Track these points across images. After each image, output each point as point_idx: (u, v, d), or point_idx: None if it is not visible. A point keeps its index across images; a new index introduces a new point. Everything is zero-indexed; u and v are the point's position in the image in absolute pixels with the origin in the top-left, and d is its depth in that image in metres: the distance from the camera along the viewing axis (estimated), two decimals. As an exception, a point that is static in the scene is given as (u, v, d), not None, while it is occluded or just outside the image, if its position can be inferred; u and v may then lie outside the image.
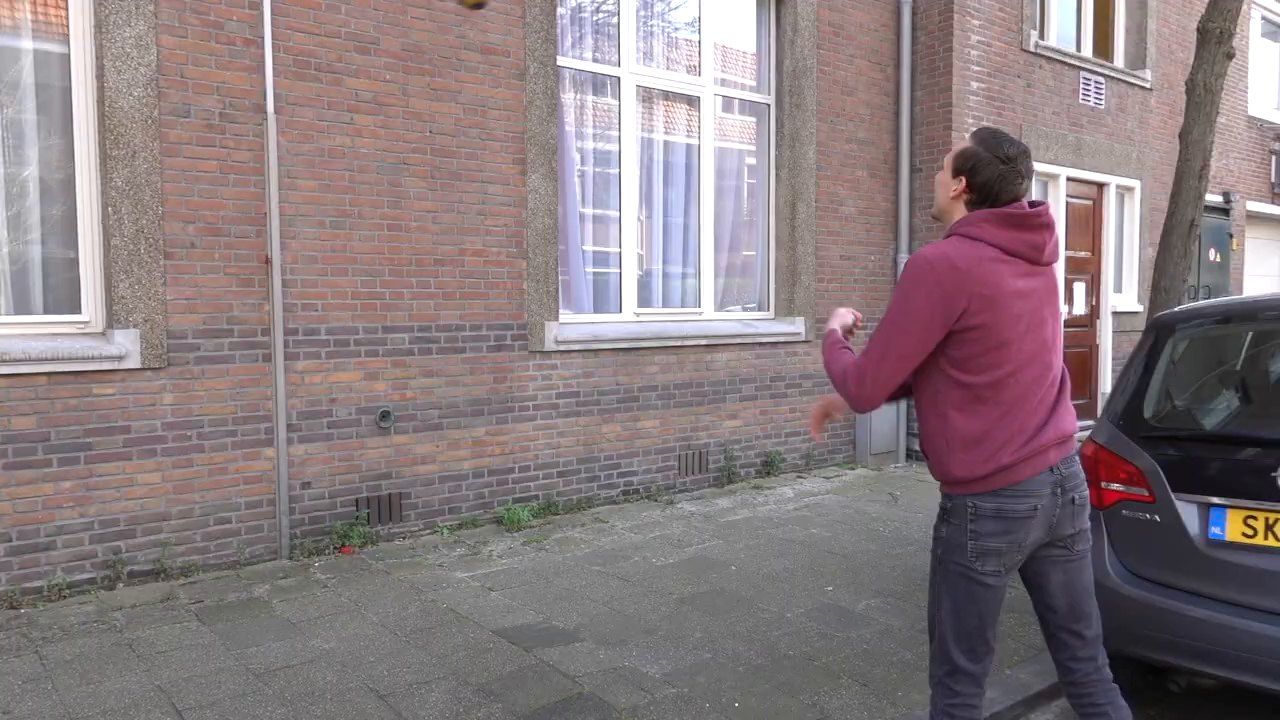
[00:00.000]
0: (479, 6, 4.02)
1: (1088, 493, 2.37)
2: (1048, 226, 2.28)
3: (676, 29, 6.95)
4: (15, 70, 4.43)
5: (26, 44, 4.45)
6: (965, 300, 2.18)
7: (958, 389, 2.25)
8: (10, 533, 4.26)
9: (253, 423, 4.90)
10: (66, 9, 4.49)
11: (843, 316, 2.57)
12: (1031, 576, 2.38)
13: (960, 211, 2.35)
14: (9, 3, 4.40)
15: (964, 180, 2.32)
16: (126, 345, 4.49)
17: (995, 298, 2.19)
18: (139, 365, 4.54)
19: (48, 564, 4.36)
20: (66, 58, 4.51)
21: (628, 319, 6.62)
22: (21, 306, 4.47)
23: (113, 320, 4.51)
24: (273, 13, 4.86)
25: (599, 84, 6.50)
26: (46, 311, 4.53)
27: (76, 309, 4.57)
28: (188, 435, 4.71)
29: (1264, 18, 12.61)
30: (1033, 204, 2.31)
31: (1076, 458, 2.35)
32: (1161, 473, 3.25)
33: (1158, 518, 3.24)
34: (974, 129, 7.88)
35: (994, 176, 2.28)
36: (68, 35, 4.50)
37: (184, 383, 4.68)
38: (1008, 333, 2.21)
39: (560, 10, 6.21)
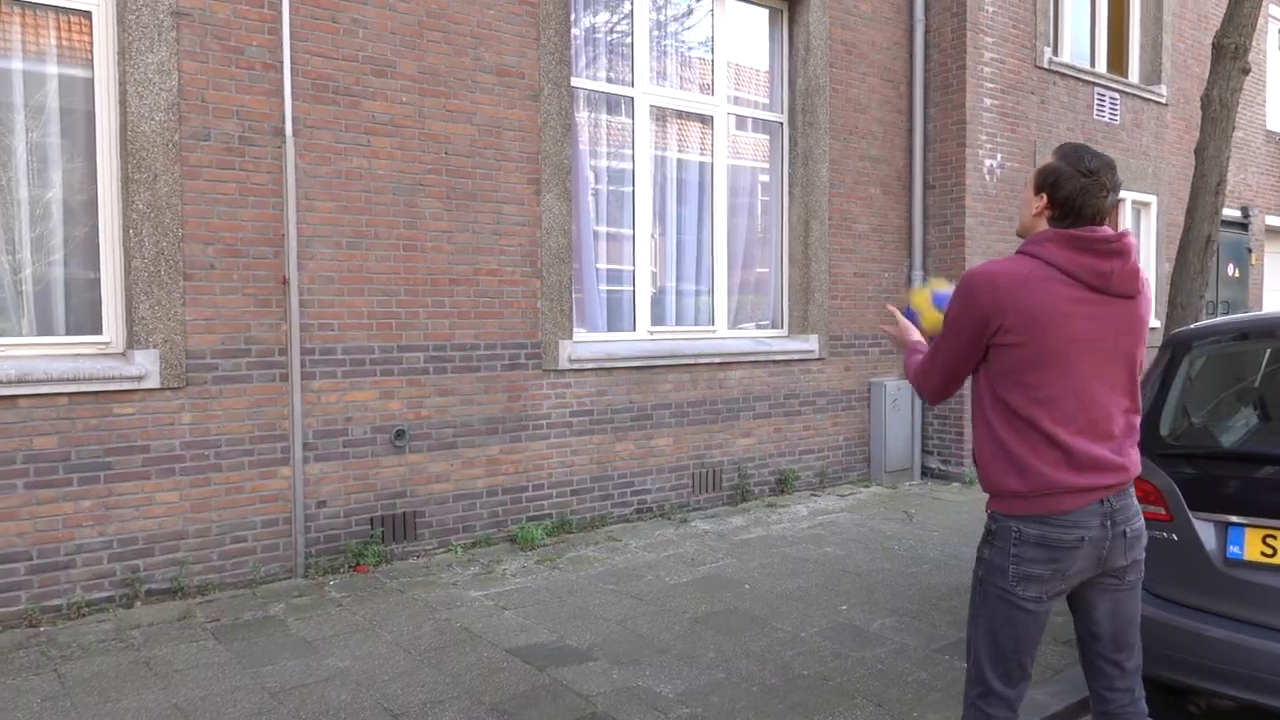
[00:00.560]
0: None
1: (1143, 524, 2.31)
2: (1118, 254, 2.20)
3: (690, 48, 7.00)
4: (40, 95, 4.52)
5: (52, 69, 4.54)
6: (1001, 318, 2.17)
7: (1000, 403, 2.24)
8: (31, 551, 4.31)
9: (269, 442, 4.94)
10: (90, 35, 4.58)
11: (911, 330, 2.74)
12: (1078, 601, 2.34)
13: (1042, 228, 2.30)
14: (35, 29, 4.49)
15: (1045, 196, 2.27)
16: (146, 365, 4.55)
17: (1038, 317, 2.15)
18: (158, 385, 4.59)
19: (67, 582, 4.40)
20: (90, 82, 4.59)
21: (641, 337, 6.64)
22: (44, 327, 4.54)
23: (133, 341, 4.57)
24: (292, 37, 4.94)
25: (613, 104, 6.55)
26: (68, 332, 4.60)
27: (98, 330, 4.64)
28: (205, 454, 4.75)
29: (1280, 32, 12.56)
30: (1119, 232, 2.26)
31: (1131, 490, 2.30)
32: (1179, 491, 3.23)
33: (1175, 536, 3.22)
34: (994, 153, 7.82)
35: (1075, 190, 2.22)
36: (91, 60, 4.59)
37: (202, 402, 4.73)
38: (1052, 355, 2.17)
39: (574, 31, 6.28)
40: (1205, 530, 3.16)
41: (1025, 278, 2.18)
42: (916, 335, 2.69)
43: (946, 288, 2.70)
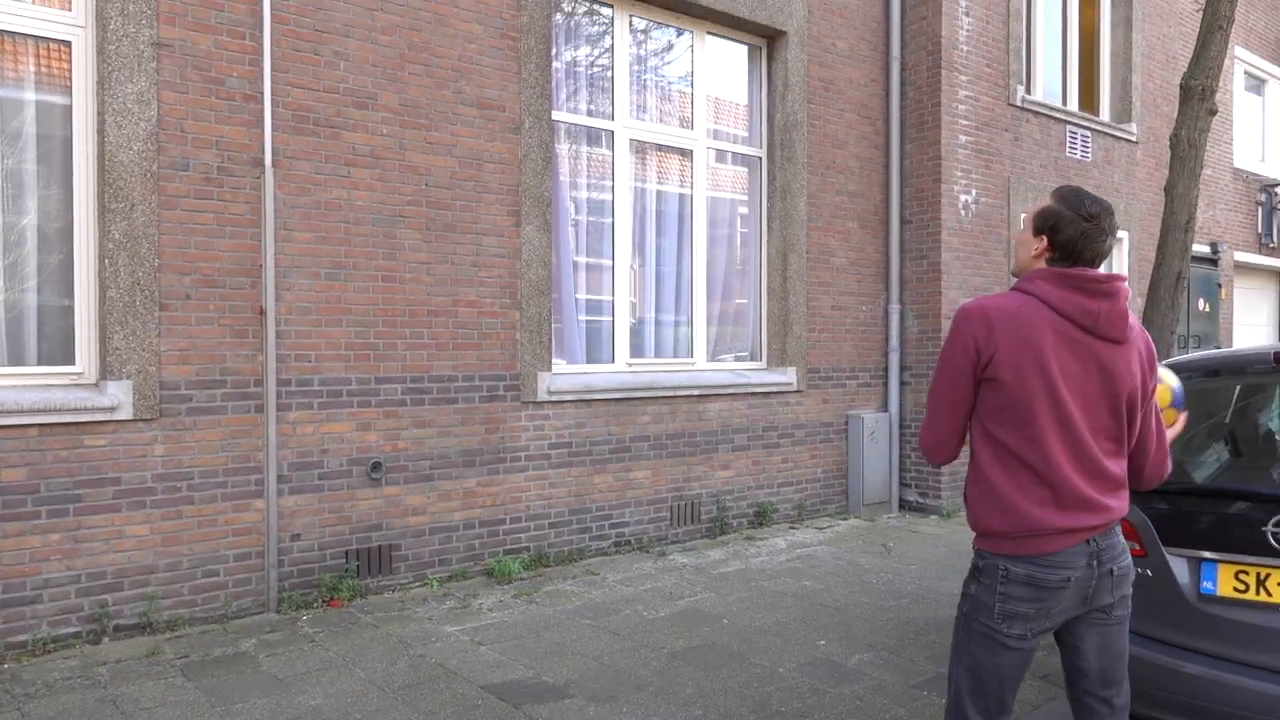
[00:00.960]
0: None
1: (1129, 562, 2.32)
2: (1107, 295, 2.22)
3: (670, 83, 7.08)
4: (17, 121, 4.50)
5: (29, 95, 4.52)
6: (991, 350, 2.20)
7: (988, 441, 2.26)
8: (-5, 586, 4.22)
9: (243, 474, 4.88)
10: (70, 64, 4.57)
11: None
12: (1066, 636, 2.34)
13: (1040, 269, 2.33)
14: (14, 56, 4.48)
15: (1045, 239, 2.31)
16: (119, 396, 4.49)
17: (1027, 353, 2.18)
18: (131, 416, 4.53)
19: (33, 618, 4.31)
20: (68, 109, 4.58)
21: (620, 369, 6.65)
22: (15, 356, 4.48)
23: (106, 371, 4.51)
24: (273, 69, 4.95)
25: (593, 136, 6.60)
26: (40, 362, 4.54)
27: (70, 360, 4.58)
28: (177, 487, 4.69)
29: (1246, 72, 12.88)
30: (1110, 276, 2.29)
31: (1118, 529, 2.31)
32: (1152, 526, 3.25)
33: (1149, 572, 3.24)
34: (969, 188, 7.95)
35: (1076, 234, 2.26)
36: (70, 88, 4.58)
37: (175, 434, 4.68)
38: (1040, 391, 2.18)
39: (555, 65, 6.33)
40: (1179, 566, 3.18)
41: (1016, 311, 2.21)
42: None
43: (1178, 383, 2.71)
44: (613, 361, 6.66)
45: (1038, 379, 2.18)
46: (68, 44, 4.56)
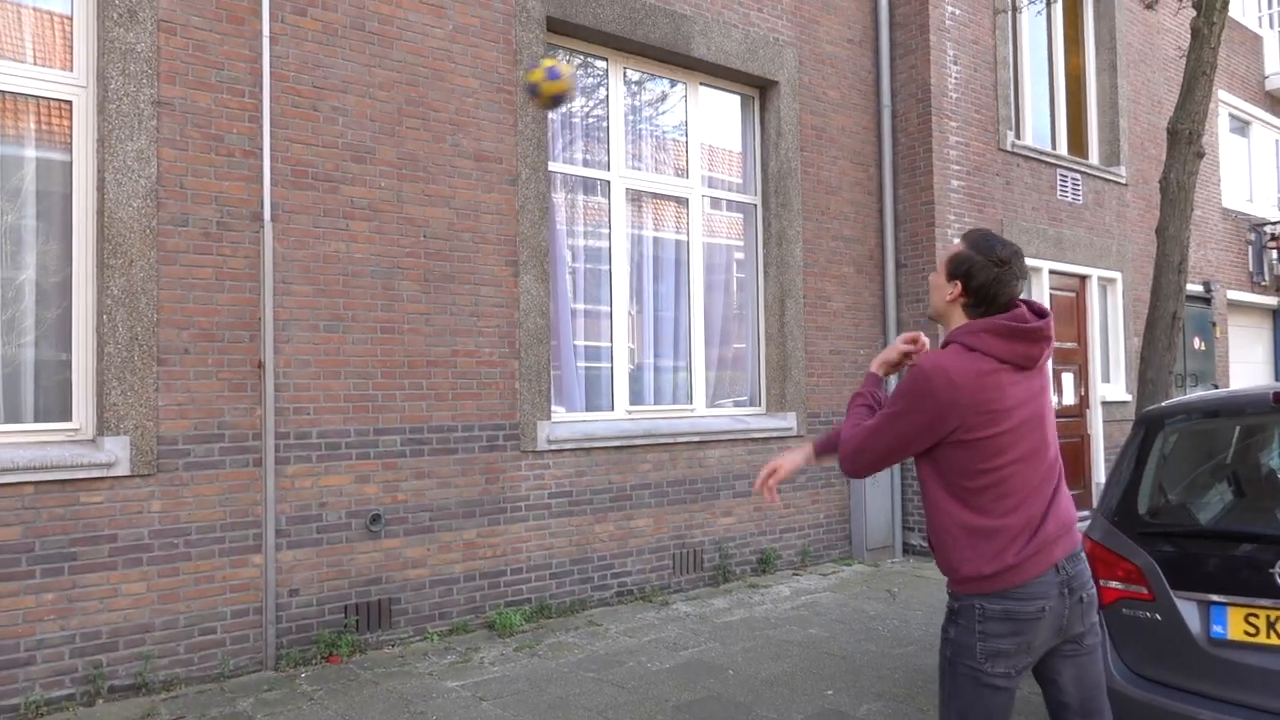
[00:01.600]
0: (556, 103, 4.15)
1: (1094, 589, 2.36)
2: (1047, 339, 2.31)
3: (664, 132, 7.17)
4: (18, 177, 4.53)
5: (30, 153, 4.56)
6: (959, 417, 2.21)
7: (959, 491, 2.27)
8: (-12, 647, 4.15)
9: (241, 529, 4.83)
10: (70, 122, 4.62)
11: (889, 352, 2.61)
12: (1044, 672, 2.36)
13: (958, 314, 2.38)
14: (15, 115, 4.53)
15: (959, 284, 2.35)
16: (116, 452, 4.47)
17: (994, 408, 2.22)
18: (128, 473, 4.50)
19: (26, 680, 4.23)
20: (69, 166, 4.62)
21: (620, 416, 6.63)
22: (11, 413, 4.46)
23: (103, 427, 4.49)
24: (272, 125, 5.01)
25: (589, 186, 6.67)
26: (37, 418, 4.52)
27: (67, 415, 4.56)
28: (174, 543, 4.64)
29: (1231, 115, 13.09)
30: (1036, 309, 2.33)
31: (1082, 554, 2.35)
32: (1159, 570, 3.22)
33: (1158, 616, 3.20)
34: (965, 230, 8.09)
35: (989, 280, 2.31)
36: (71, 146, 4.62)
37: (172, 489, 4.64)
38: (1006, 439, 2.23)
39: (551, 116, 6.41)
40: (1188, 610, 3.14)
41: (978, 374, 2.23)
42: (874, 365, 2.65)
43: (553, 62, 2.81)
44: (612, 409, 6.65)
45: (1003, 431, 2.23)
46: (69, 103, 4.62)
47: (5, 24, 4.51)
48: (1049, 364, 2.41)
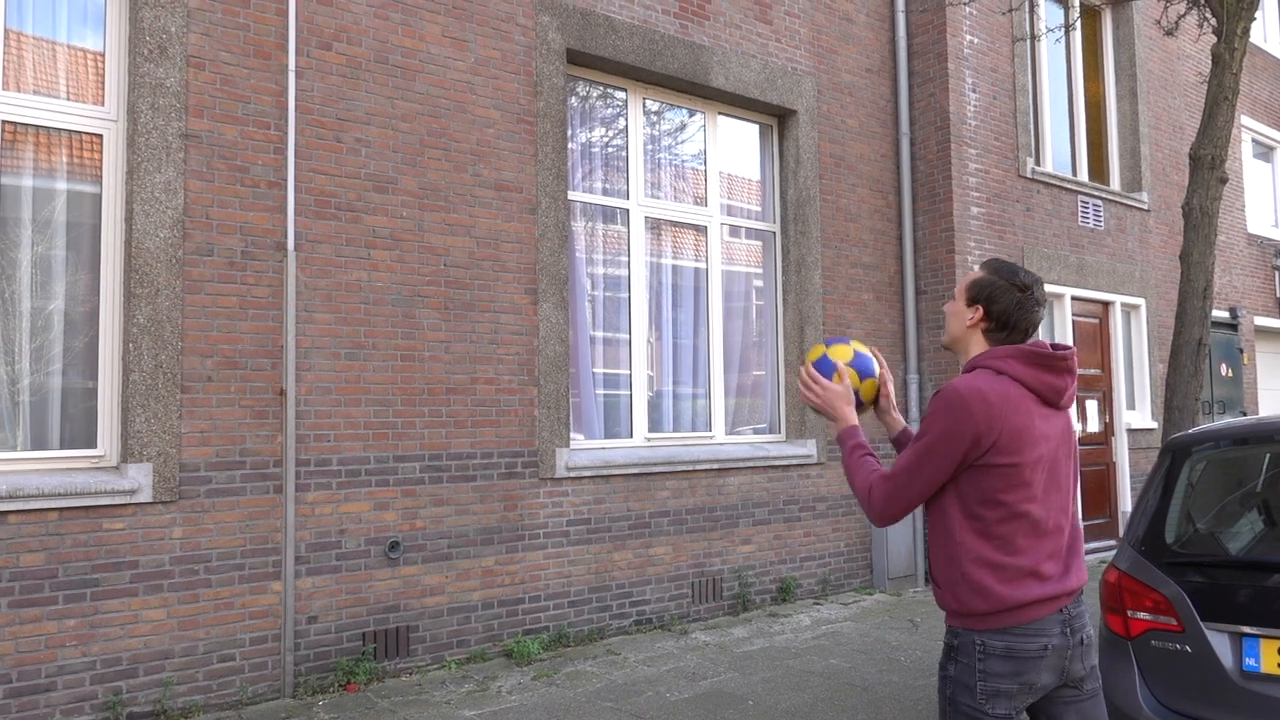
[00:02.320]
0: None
1: (1092, 631, 2.32)
2: (1070, 372, 2.28)
3: (683, 161, 7.21)
4: (48, 209, 4.62)
5: (61, 185, 4.66)
6: (995, 435, 2.17)
7: (975, 520, 2.22)
8: (11, 674, 4.18)
9: (261, 555, 4.85)
10: (100, 154, 4.72)
11: (839, 396, 2.47)
12: None
13: (977, 340, 2.35)
14: (48, 149, 4.63)
15: (981, 309, 2.33)
16: (139, 479, 4.51)
17: (1023, 435, 2.19)
18: (150, 499, 4.54)
19: (46, 706, 4.25)
20: (98, 198, 4.71)
21: (639, 444, 6.62)
22: (38, 439, 4.52)
23: (127, 454, 4.54)
24: (296, 156, 5.09)
25: (609, 215, 6.71)
26: (62, 445, 4.57)
27: (92, 442, 4.61)
28: (195, 570, 4.66)
29: (1254, 140, 13.00)
30: (1057, 346, 2.32)
31: (1082, 598, 2.32)
32: (1189, 601, 3.16)
33: (1188, 648, 3.14)
34: (984, 258, 8.03)
35: (1012, 304, 2.29)
36: (100, 178, 4.71)
37: (194, 515, 4.67)
38: (1029, 472, 2.20)
39: (571, 146, 6.48)
40: (1219, 641, 3.08)
41: (1009, 395, 2.20)
42: (851, 407, 2.49)
43: (864, 349, 2.59)
44: (631, 436, 6.64)
45: (1027, 460, 2.20)
46: (99, 136, 4.71)
47: (41, 61, 4.63)
48: (1073, 405, 2.38)
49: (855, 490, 2.37)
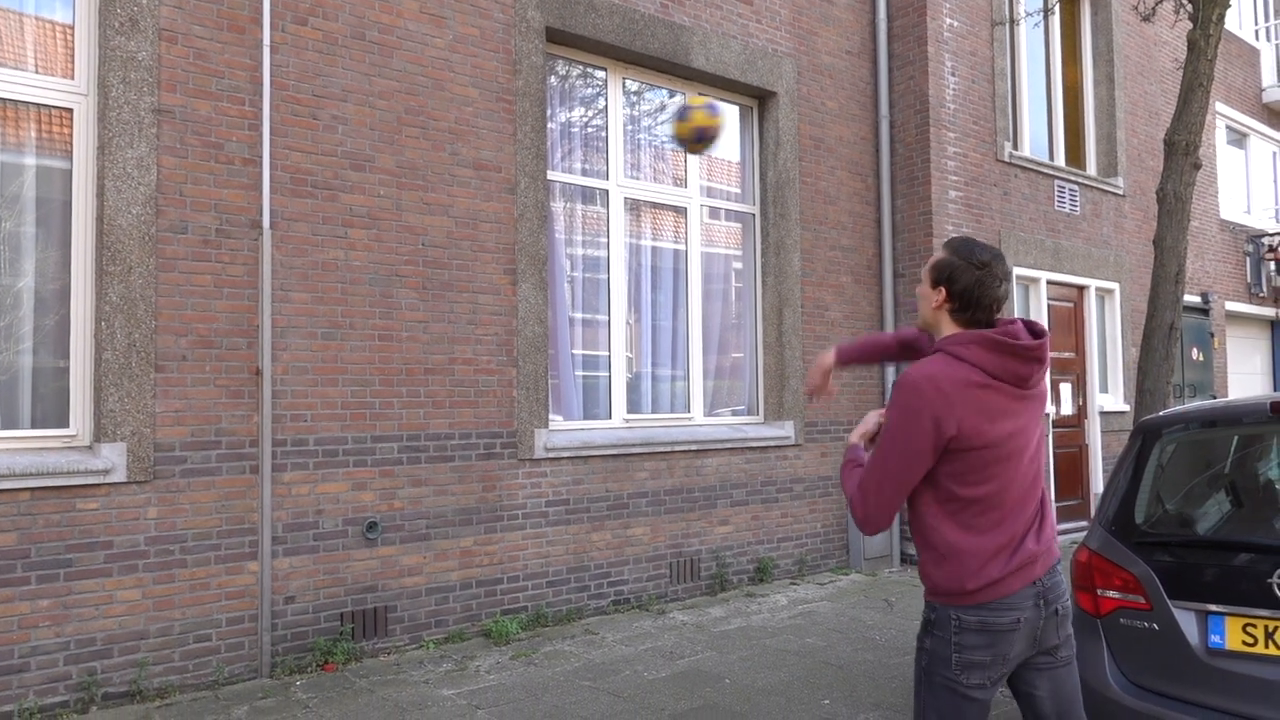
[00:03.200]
0: (700, 142, 4.03)
1: (1069, 602, 2.37)
2: (1039, 361, 2.28)
3: (663, 142, 7.19)
4: (17, 184, 4.54)
5: (30, 160, 4.57)
6: (954, 426, 2.20)
7: (947, 503, 2.27)
8: (-18, 654, 4.14)
9: (237, 536, 4.83)
10: (71, 129, 4.63)
11: (867, 423, 2.51)
12: (1019, 685, 2.37)
13: (945, 321, 2.37)
14: (15, 123, 4.54)
15: (943, 290, 2.35)
16: (113, 459, 4.46)
17: (981, 420, 2.22)
18: (124, 479, 4.50)
19: (20, 687, 4.22)
20: (69, 174, 4.63)
21: (617, 425, 6.63)
22: (9, 419, 4.46)
23: (100, 434, 4.49)
24: (272, 133, 5.02)
25: (588, 195, 6.68)
26: (34, 424, 4.51)
27: (64, 422, 4.56)
28: (170, 550, 4.63)
29: (1228, 127, 13.14)
30: (1035, 330, 2.33)
31: (1059, 567, 2.36)
32: (1157, 579, 3.22)
33: (1156, 626, 3.20)
34: (947, 238, 8.16)
35: (971, 282, 2.31)
36: (71, 154, 4.63)
37: (169, 496, 4.63)
38: (994, 452, 2.23)
39: (550, 126, 6.44)
40: (1186, 619, 3.14)
41: (967, 383, 2.22)
42: (854, 436, 2.51)
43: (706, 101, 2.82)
44: (610, 417, 6.65)
45: (995, 443, 2.23)
46: (70, 111, 4.63)
47: (8, 32, 4.53)
48: (1045, 385, 2.40)
49: (847, 500, 2.38)
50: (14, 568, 4.22)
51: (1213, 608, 3.08)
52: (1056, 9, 9.64)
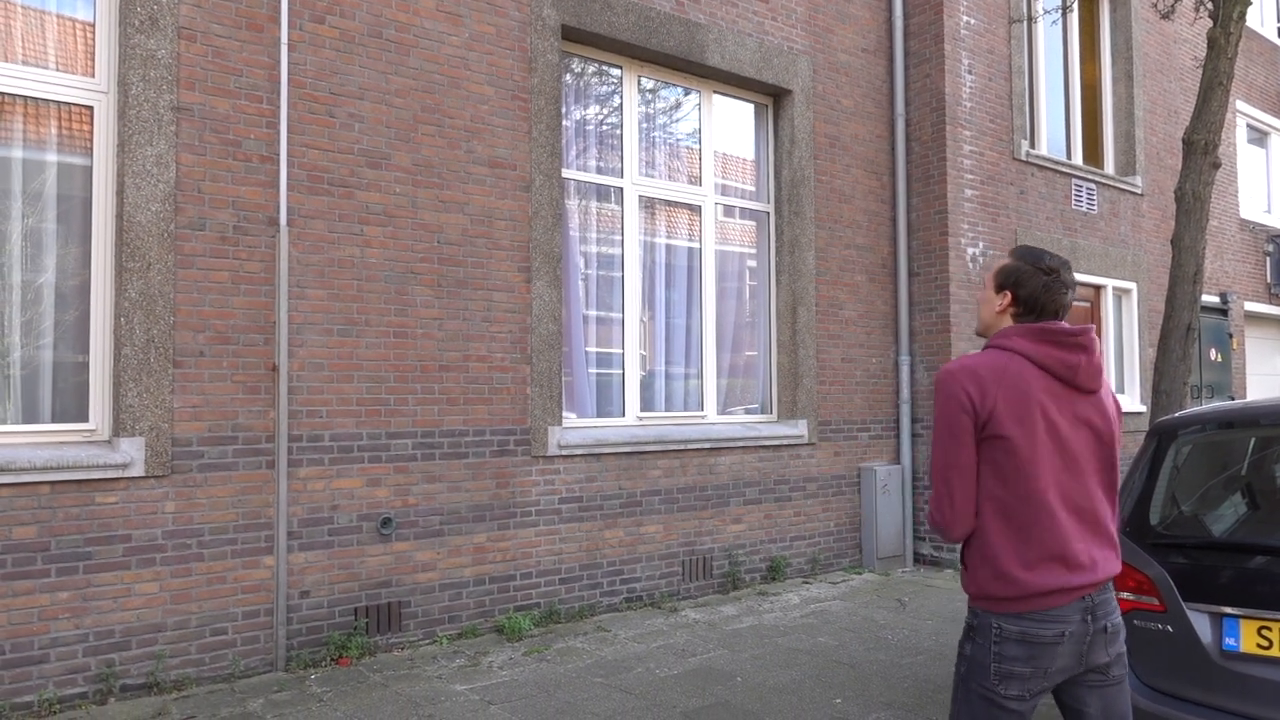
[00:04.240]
0: None
1: (1120, 618, 2.29)
2: (1083, 348, 2.25)
3: (678, 140, 7.19)
4: (39, 181, 4.59)
5: (51, 157, 4.63)
6: (989, 406, 2.18)
7: (992, 501, 2.22)
8: (4, 645, 4.19)
9: (253, 530, 4.87)
10: (91, 127, 4.68)
11: None
12: (1069, 702, 2.30)
13: (1007, 325, 2.36)
14: (36, 120, 4.59)
15: (1009, 294, 2.34)
16: (131, 453, 4.51)
17: (1022, 407, 2.18)
18: (142, 474, 4.54)
19: (39, 678, 4.27)
20: (89, 171, 4.68)
21: (631, 423, 6.64)
22: (30, 414, 4.51)
23: (119, 428, 4.54)
24: (289, 131, 5.06)
25: (603, 193, 6.70)
26: (54, 419, 4.57)
27: (84, 417, 4.61)
28: (188, 544, 4.68)
29: (1249, 125, 13.01)
30: (1075, 327, 2.31)
31: (1110, 586, 2.29)
32: (1171, 581, 3.21)
33: (1170, 628, 3.19)
34: (976, 241, 8.04)
35: (1038, 288, 2.30)
36: (91, 151, 4.68)
37: (186, 490, 4.68)
38: (1038, 448, 2.18)
39: (565, 124, 6.45)
40: (1200, 622, 3.12)
41: (1003, 368, 2.21)
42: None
43: None
44: (623, 415, 6.66)
45: (1038, 432, 2.18)
46: (90, 109, 4.68)
47: (29, 30, 4.58)
48: (1109, 392, 2.34)
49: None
50: (34, 560, 4.28)
51: (1227, 610, 3.07)
52: (1075, 6, 9.58)
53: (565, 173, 6.40)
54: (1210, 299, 11.53)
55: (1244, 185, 12.74)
